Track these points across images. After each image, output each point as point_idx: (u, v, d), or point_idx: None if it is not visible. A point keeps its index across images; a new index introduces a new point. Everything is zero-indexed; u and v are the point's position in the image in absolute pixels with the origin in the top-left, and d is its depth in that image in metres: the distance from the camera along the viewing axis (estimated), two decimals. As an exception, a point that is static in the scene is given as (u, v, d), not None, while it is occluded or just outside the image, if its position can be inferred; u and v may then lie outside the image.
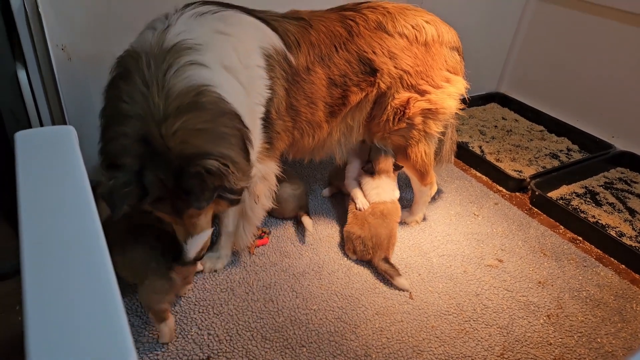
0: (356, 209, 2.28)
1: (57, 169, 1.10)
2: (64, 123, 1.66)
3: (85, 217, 1.00)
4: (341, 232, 2.39)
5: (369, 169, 2.32)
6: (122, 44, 2.25)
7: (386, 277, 2.14)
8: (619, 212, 2.79)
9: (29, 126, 1.55)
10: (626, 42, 3.21)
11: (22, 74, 1.50)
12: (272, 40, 1.81)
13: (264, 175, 1.96)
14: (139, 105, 1.43)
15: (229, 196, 1.53)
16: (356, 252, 2.22)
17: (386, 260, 2.16)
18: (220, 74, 1.55)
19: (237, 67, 1.63)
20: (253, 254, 2.21)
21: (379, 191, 2.29)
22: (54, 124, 1.61)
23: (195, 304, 1.93)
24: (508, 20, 3.75)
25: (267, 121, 1.80)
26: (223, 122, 1.51)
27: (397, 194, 2.35)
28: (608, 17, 3.27)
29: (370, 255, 2.18)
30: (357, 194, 2.33)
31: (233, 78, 1.60)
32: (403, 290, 2.11)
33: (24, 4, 1.44)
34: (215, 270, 2.10)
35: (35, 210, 0.98)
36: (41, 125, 1.58)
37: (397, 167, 2.33)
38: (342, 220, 2.48)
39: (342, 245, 2.33)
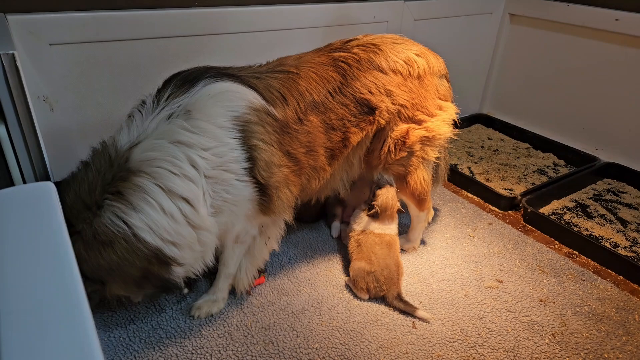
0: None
1: (35, 227, 1.06)
2: (47, 176, 1.62)
3: (62, 275, 0.96)
4: (340, 264, 2.36)
5: (373, 214, 2.26)
6: (104, 90, 2.26)
7: (407, 312, 2.10)
8: (610, 223, 2.80)
9: (11, 182, 1.52)
10: (599, 57, 3.30)
11: (1, 129, 1.47)
12: (249, 100, 1.74)
13: (274, 222, 2.05)
14: (73, 202, 1.55)
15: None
16: (370, 291, 2.14)
17: (399, 298, 2.11)
18: (155, 212, 1.58)
19: (189, 188, 1.63)
20: (250, 294, 2.16)
21: (379, 225, 2.27)
22: (36, 177, 1.58)
23: (193, 353, 1.86)
24: (485, 44, 3.85)
25: (258, 183, 1.79)
26: (125, 264, 1.60)
27: (395, 231, 2.32)
28: (578, 35, 3.38)
29: (384, 292, 2.12)
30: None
31: (178, 201, 1.62)
32: (424, 321, 2.07)
33: (0, 58, 1.42)
34: (212, 315, 2.03)
35: (11, 272, 0.95)
36: (23, 180, 1.55)
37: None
38: (339, 252, 2.45)
39: (341, 278, 2.28)
